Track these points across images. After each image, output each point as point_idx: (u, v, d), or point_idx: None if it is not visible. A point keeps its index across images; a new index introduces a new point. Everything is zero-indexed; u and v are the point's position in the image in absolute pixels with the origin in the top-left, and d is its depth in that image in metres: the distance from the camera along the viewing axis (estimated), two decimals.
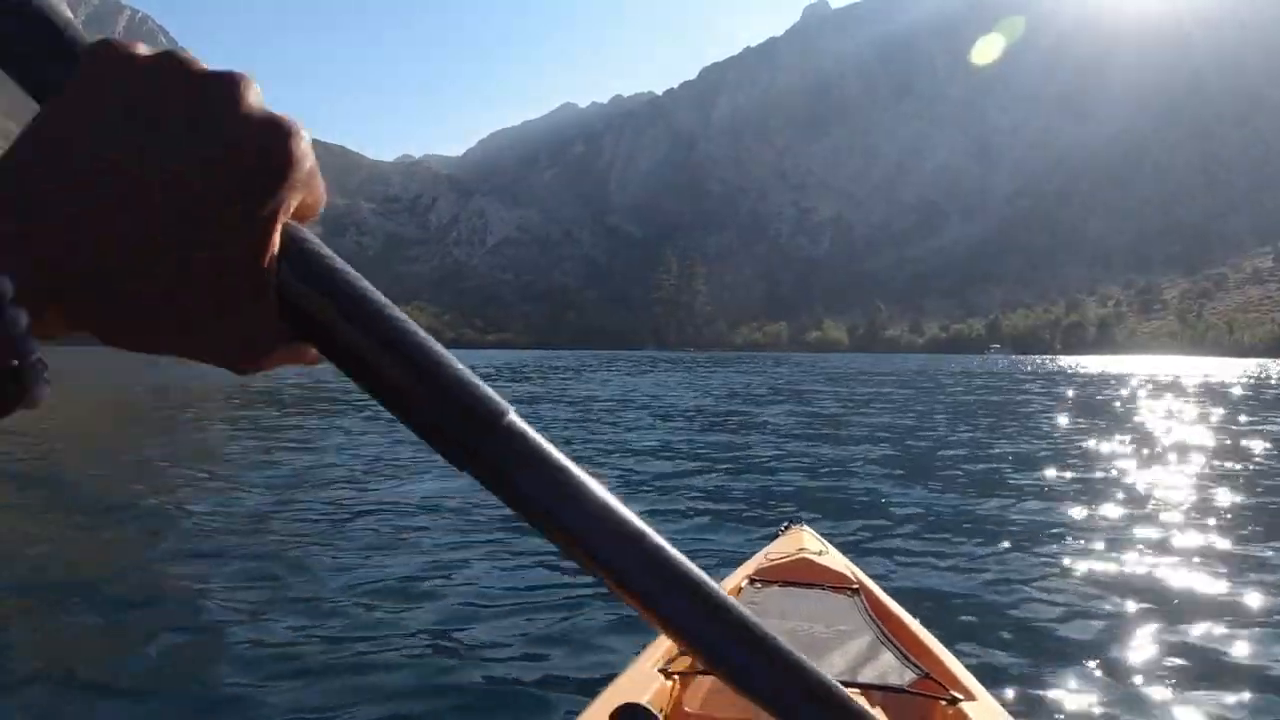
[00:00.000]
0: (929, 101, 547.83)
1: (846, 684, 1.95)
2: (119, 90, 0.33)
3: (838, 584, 2.67)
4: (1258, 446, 13.37)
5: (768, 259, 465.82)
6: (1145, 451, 12.52)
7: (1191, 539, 6.56)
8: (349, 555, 5.88)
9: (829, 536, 3.26)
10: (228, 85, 0.34)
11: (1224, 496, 8.62)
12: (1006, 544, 6.38)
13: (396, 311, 0.37)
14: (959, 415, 19.66)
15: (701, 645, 0.40)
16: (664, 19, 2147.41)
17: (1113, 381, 42.24)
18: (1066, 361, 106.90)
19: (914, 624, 2.47)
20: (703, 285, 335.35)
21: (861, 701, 1.88)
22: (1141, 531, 6.76)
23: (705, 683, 2.23)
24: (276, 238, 0.34)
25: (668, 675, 2.11)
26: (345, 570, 5.48)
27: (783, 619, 2.32)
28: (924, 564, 5.75)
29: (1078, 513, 7.58)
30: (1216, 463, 11.37)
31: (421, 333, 0.37)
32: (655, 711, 1.62)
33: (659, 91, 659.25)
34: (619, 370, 51.70)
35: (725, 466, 10.77)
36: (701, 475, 10.04)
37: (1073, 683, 3.83)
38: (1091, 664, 4.03)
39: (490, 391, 0.38)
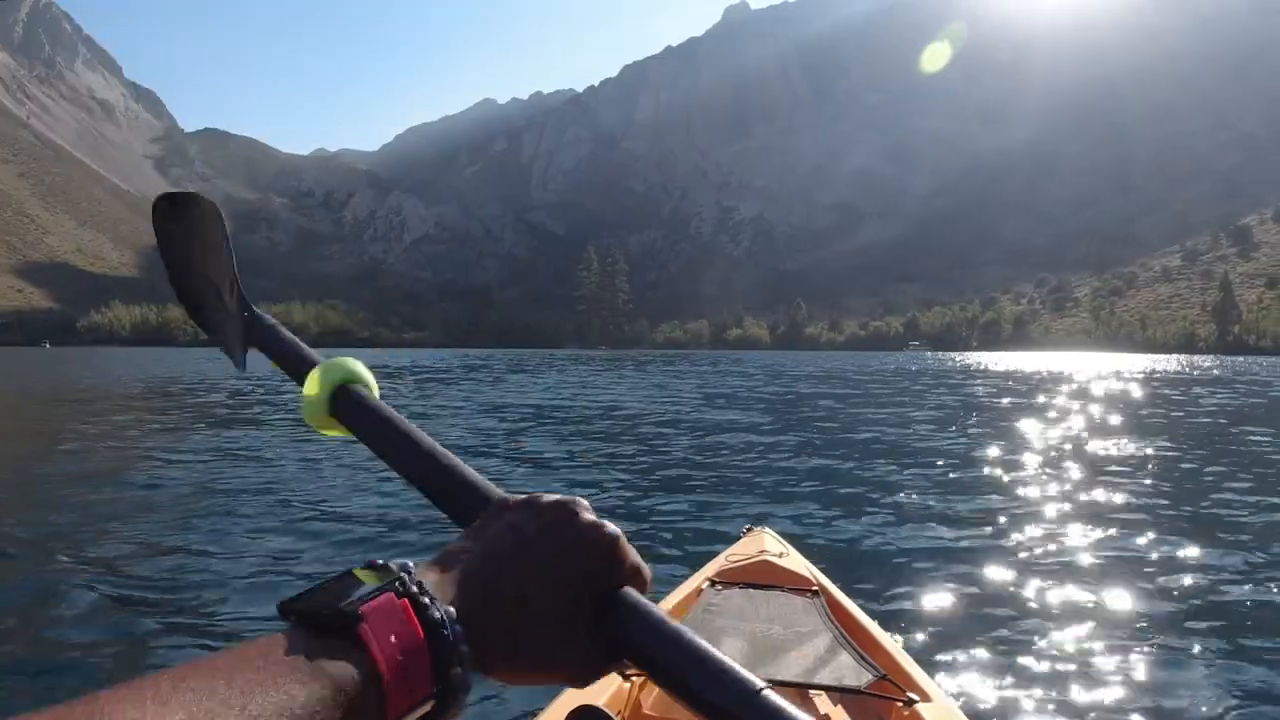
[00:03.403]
0: (848, 104, 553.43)
1: (804, 685, 2.08)
2: (510, 517, 0.56)
3: (798, 586, 2.68)
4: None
5: (690, 257, 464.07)
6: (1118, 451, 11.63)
7: (1152, 536, 6.42)
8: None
9: (790, 538, 3.28)
10: (573, 505, 0.56)
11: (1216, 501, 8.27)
12: (965, 543, 6.22)
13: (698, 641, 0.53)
14: (911, 412, 18.70)
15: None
16: (583, 15, 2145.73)
17: (1039, 376, 41.76)
18: (983, 357, 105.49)
19: (872, 625, 2.48)
20: (625, 283, 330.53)
21: (821, 702, 2.19)
22: (1098, 529, 6.56)
23: None
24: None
25: (626, 677, 2.09)
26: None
27: (742, 620, 2.33)
28: (882, 565, 5.64)
29: (1029, 512, 7.37)
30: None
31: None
32: (612, 714, 1.62)
33: (579, 89, 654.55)
34: (535, 371, 48.23)
35: (679, 470, 10.27)
36: (656, 479, 9.54)
37: (1027, 682, 3.84)
38: (1045, 664, 4.04)
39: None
